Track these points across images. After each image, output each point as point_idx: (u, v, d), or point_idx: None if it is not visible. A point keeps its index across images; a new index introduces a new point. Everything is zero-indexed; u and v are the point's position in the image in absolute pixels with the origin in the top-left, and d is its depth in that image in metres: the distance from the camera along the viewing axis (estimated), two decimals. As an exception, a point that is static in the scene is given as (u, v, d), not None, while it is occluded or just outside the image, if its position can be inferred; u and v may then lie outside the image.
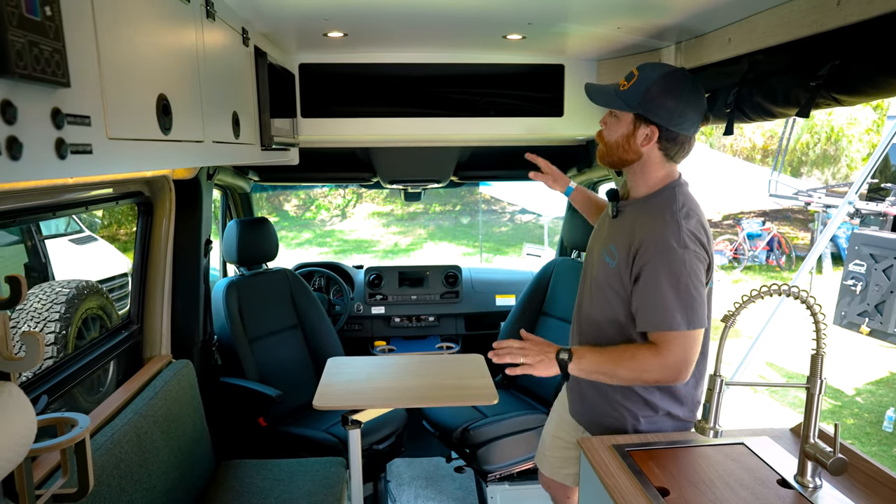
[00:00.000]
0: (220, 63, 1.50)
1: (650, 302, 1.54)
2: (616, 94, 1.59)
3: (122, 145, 0.94)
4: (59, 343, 3.18)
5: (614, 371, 1.58)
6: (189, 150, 1.25)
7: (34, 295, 3.32)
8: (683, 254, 1.51)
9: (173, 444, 2.09)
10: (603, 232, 1.76)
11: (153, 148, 1.06)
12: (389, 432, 2.94)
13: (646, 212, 1.61)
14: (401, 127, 2.55)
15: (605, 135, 1.65)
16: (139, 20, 1.02)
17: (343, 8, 1.76)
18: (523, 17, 1.87)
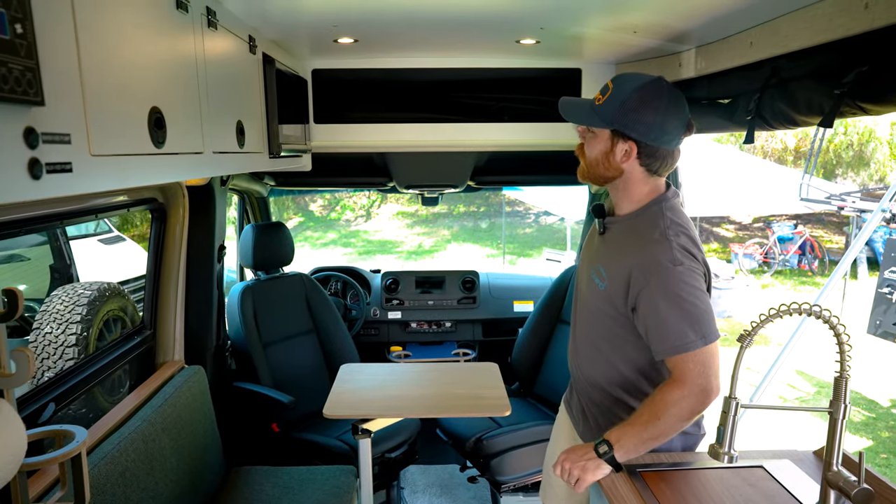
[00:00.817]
0: (223, 72, 1.48)
1: (659, 329, 1.45)
2: (592, 109, 1.50)
3: (107, 161, 0.92)
4: (80, 344, 3.23)
5: (657, 427, 1.46)
6: (186, 162, 1.24)
7: (57, 297, 3.38)
8: (678, 271, 1.43)
9: (182, 450, 2.09)
10: (592, 250, 1.69)
11: (143, 162, 1.04)
12: (402, 440, 2.91)
13: (633, 232, 1.54)
14: (416, 133, 2.52)
15: (585, 151, 1.56)
16: (129, 33, 1.01)
17: (350, 14, 1.73)
18: (535, 22, 1.82)
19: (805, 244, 11.57)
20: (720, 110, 1.92)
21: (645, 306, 1.45)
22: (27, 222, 1.60)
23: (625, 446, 1.47)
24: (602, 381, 1.66)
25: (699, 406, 1.46)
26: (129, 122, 1.00)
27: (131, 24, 1.02)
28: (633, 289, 1.46)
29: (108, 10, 0.94)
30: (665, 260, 1.43)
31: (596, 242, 1.67)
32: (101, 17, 0.91)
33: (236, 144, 1.57)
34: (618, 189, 1.56)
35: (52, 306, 3.38)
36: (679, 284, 1.43)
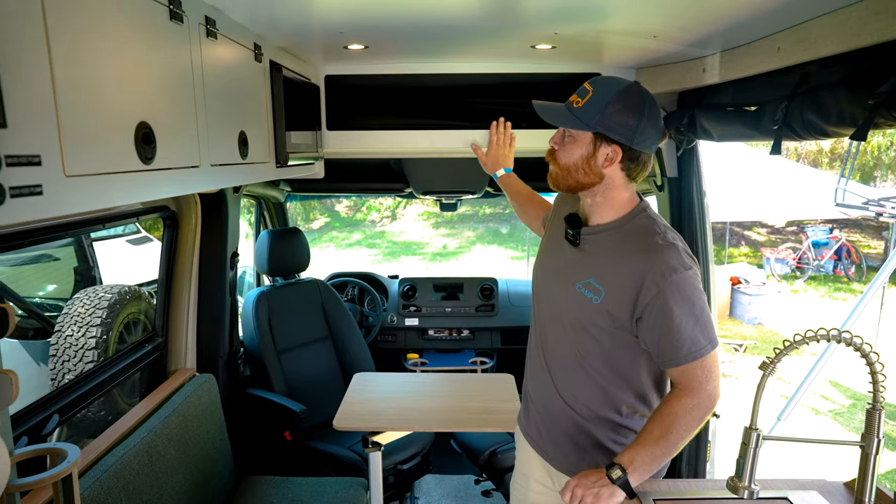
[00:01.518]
0: (224, 82, 1.45)
1: (673, 337, 1.40)
2: (571, 111, 1.44)
3: (86, 182, 0.89)
4: (99, 347, 3.24)
5: (669, 442, 1.41)
6: (179, 176, 1.20)
7: (78, 299, 3.41)
8: (689, 276, 1.41)
9: (189, 461, 2.07)
10: (563, 262, 1.59)
11: (128, 180, 1.01)
12: (414, 452, 2.86)
13: (627, 239, 1.48)
14: (431, 139, 2.47)
15: (560, 157, 1.49)
16: (114, 49, 0.97)
17: (356, 21, 1.68)
18: (549, 27, 1.75)
19: (841, 249, 11.19)
20: (745, 118, 1.82)
21: (657, 314, 1.40)
22: (29, 234, 1.60)
23: (638, 469, 1.41)
24: (587, 402, 1.57)
25: (707, 413, 1.44)
26: (113, 139, 0.96)
27: (117, 39, 0.98)
28: (644, 296, 1.40)
29: (89, 28, 0.90)
30: (678, 265, 1.40)
31: (567, 255, 1.58)
32: (80, 35, 0.88)
33: (238, 156, 1.54)
34: (596, 196, 1.51)
35: (73, 309, 3.41)
36: (691, 289, 1.40)
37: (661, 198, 2.57)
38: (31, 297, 4.62)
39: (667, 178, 2.48)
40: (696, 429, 1.43)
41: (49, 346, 3.37)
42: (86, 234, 4.19)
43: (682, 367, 1.42)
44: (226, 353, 2.58)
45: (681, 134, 2.21)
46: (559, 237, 1.63)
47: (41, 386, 3.41)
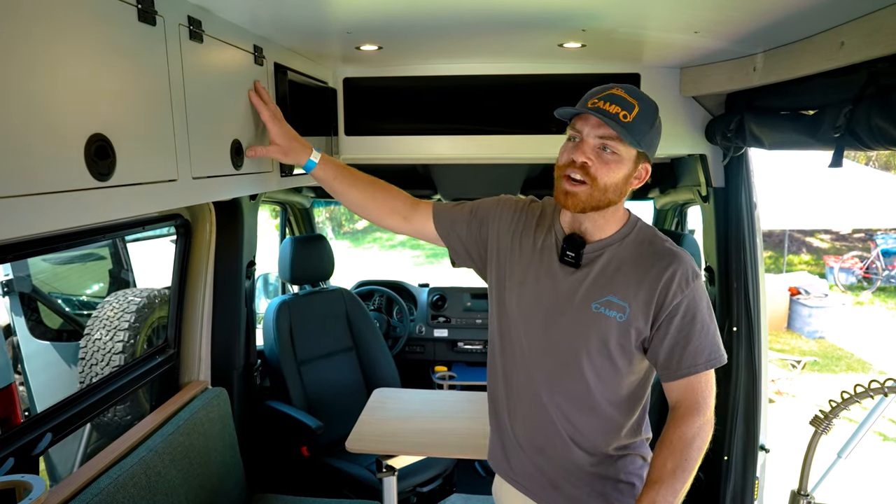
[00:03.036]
0: (212, 87, 1.34)
1: (697, 343, 1.33)
2: (622, 125, 1.26)
3: (10, 205, 0.78)
4: (126, 352, 3.25)
5: (686, 470, 1.30)
6: (149, 192, 1.10)
7: (108, 303, 3.42)
8: (703, 282, 1.39)
9: (193, 481, 1.99)
10: (560, 287, 1.40)
11: (75, 200, 0.90)
12: (434, 475, 2.72)
13: (640, 249, 1.39)
14: (457, 145, 2.31)
15: (599, 174, 1.30)
16: (57, 52, 0.87)
17: (363, 21, 1.56)
18: (575, 24, 1.57)
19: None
20: (801, 124, 1.59)
21: (680, 319, 1.33)
22: (34, 244, 1.54)
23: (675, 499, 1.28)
24: (597, 436, 1.44)
25: (711, 431, 1.36)
26: (50, 155, 0.86)
27: (62, 44, 0.87)
28: (670, 302, 1.33)
29: (13, 34, 0.80)
30: (697, 270, 1.37)
31: (564, 279, 1.40)
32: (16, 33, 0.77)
33: (230, 166, 1.43)
34: (606, 213, 1.39)
35: (103, 312, 3.42)
36: (706, 296, 1.38)
37: (706, 209, 2.34)
38: (77, 295, 4.70)
39: (712, 188, 2.26)
40: (704, 450, 1.34)
41: (78, 348, 3.41)
42: (120, 238, 4.23)
43: (690, 378, 1.34)
44: (241, 364, 2.50)
45: (728, 140, 1.99)
46: (539, 259, 1.44)
47: (71, 389, 3.45)
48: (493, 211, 1.56)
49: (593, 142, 1.31)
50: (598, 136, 1.30)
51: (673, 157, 2.64)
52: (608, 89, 1.32)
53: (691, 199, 2.65)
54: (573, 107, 1.32)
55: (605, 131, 1.29)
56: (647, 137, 1.31)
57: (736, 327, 2.22)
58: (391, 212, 1.62)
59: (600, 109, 1.28)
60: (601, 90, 1.33)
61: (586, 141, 1.31)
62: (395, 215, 1.62)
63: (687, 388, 1.34)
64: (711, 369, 1.35)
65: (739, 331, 2.22)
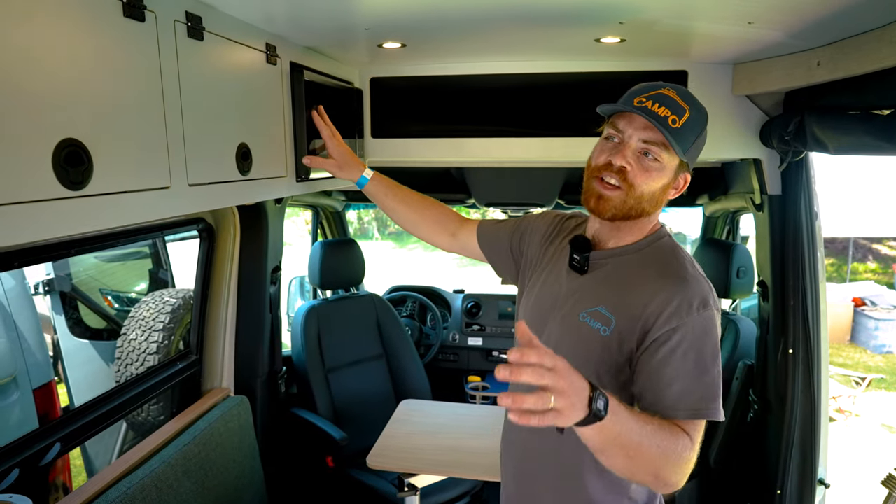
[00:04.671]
0: (215, 88, 1.27)
1: (690, 385, 1.11)
2: (670, 131, 1.13)
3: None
4: (160, 353, 3.26)
5: (643, 444, 1.01)
6: (133, 201, 1.02)
7: (145, 303, 3.46)
8: (715, 316, 1.16)
9: (208, 494, 1.94)
10: (560, 292, 1.29)
11: (36, 212, 0.83)
12: (459, 494, 2.60)
13: (650, 264, 1.22)
14: (490, 148, 2.19)
15: (637, 181, 1.17)
16: (19, 52, 0.79)
17: (381, 16, 1.45)
18: (613, 15, 1.43)
19: None
20: (873, 125, 1.40)
21: (669, 351, 1.12)
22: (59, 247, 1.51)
23: (617, 421, 0.96)
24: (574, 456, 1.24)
25: (673, 480, 1.06)
26: (9, 163, 0.78)
27: (26, 40, 0.80)
28: (661, 326, 1.12)
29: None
30: (709, 300, 1.16)
31: (568, 283, 1.29)
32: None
33: (236, 171, 1.35)
34: (638, 223, 1.25)
35: (139, 312, 3.45)
36: (714, 333, 1.15)
37: (760, 218, 2.14)
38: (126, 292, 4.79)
39: (767, 195, 2.05)
40: (655, 473, 1.05)
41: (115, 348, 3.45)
42: (160, 238, 4.28)
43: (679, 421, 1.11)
44: (265, 372, 2.45)
45: (786, 144, 1.80)
46: (553, 264, 1.35)
47: (108, 386, 3.49)
48: (533, 224, 1.52)
49: (636, 145, 1.17)
50: (641, 140, 1.16)
51: (724, 162, 2.43)
52: (657, 88, 1.18)
53: (743, 206, 2.44)
54: (615, 103, 1.20)
55: (651, 135, 1.15)
56: (693, 147, 1.18)
57: (792, 349, 2.01)
58: (439, 229, 1.67)
59: (648, 110, 1.14)
60: (649, 88, 1.19)
61: (628, 143, 1.18)
62: (443, 232, 1.67)
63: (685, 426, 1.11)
64: (697, 422, 1.11)
65: (796, 354, 2.01)
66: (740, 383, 2.33)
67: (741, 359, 2.39)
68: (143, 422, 3.42)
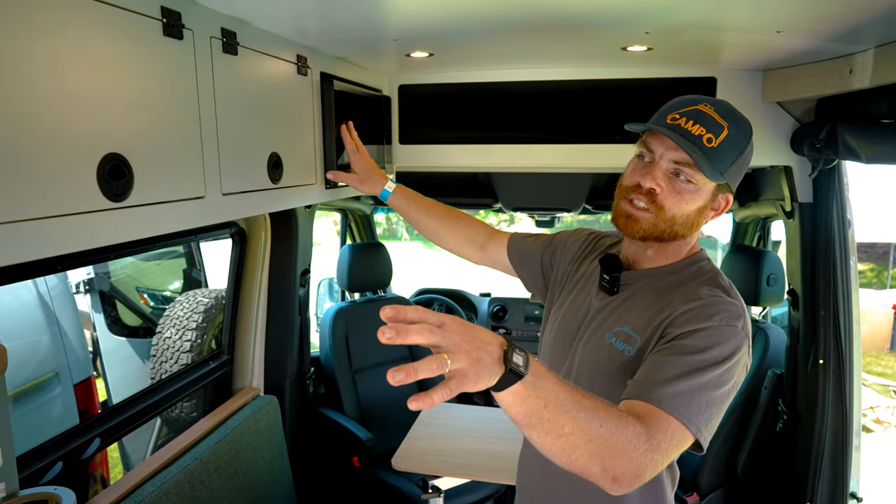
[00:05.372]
0: (248, 100, 1.31)
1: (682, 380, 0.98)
2: (703, 151, 1.05)
3: (7, 231, 0.76)
4: (193, 351, 3.35)
5: (580, 419, 0.85)
6: (170, 211, 1.07)
7: (179, 303, 3.56)
8: (743, 342, 1.04)
9: (239, 491, 1.99)
10: (588, 312, 1.24)
11: (85, 222, 0.88)
12: (483, 497, 2.62)
13: (679, 284, 1.14)
14: (516, 155, 2.21)
15: (668, 204, 1.10)
16: (68, 72, 0.84)
17: (409, 27, 1.48)
18: (638, 26, 1.43)
19: None
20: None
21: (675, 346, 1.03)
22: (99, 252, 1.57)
23: (540, 386, 0.82)
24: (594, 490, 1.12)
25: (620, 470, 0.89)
26: (58, 177, 0.83)
27: (75, 63, 0.85)
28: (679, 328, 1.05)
29: (27, 49, 0.77)
30: (739, 322, 1.05)
31: (596, 303, 1.23)
32: (12, 57, 0.75)
33: (268, 180, 1.40)
34: (672, 245, 1.18)
35: (174, 311, 3.56)
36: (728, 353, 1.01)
37: (790, 226, 2.11)
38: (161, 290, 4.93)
39: (798, 202, 2.02)
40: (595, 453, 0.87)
41: (150, 346, 3.56)
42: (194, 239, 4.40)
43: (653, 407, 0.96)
44: (294, 372, 2.50)
45: (817, 152, 1.77)
46: (584, 282, 1.30)
47: (144, 384, 3.61)
48: (566, 241, 1.47)
49: (666, 165, 1.10)
50: (672, 161, 1.09)
51: (754, 168, 2.40)
52: (694, 104, 1.10)
53: (772, 213, 2.40)
54: (649, 119, 1.14)
55: (683, 155, 1.08)
56: (733, 167, 1.09)
57: (823, 360, 1.98)
58: (466, 240, 1.63)
59: (680, 129, 1.07)
60: (684, 103, 1.11)
61: (658, 164, 1.10)
62: (470, 244, 1.63)
63: (645, 411, 0.96)
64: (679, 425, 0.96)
65: (827, 364, 1.98)
66: (769, 392, 2.30)
67: (770, 367, 2.36)
68: (176, 418, 3.52)
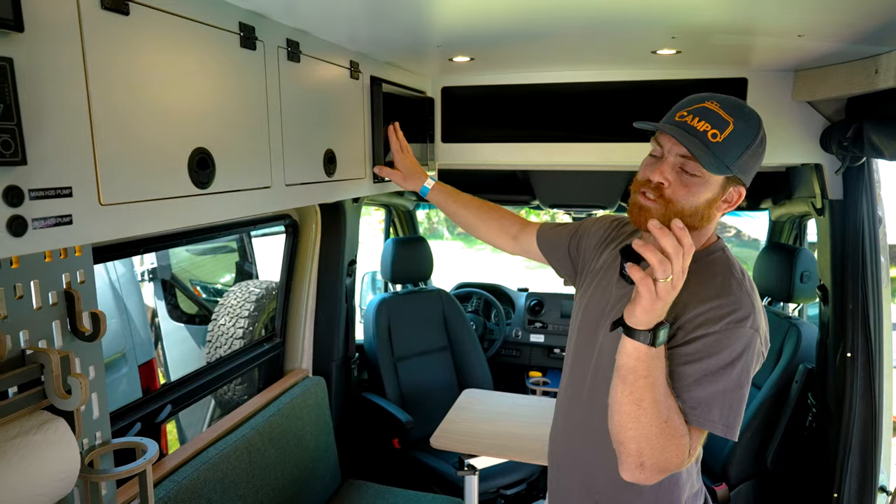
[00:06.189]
0: (307, 102, 1.47)
1: (699, 393, 1.12)
2: (708, 146, 1.12)
3: (124, 210, 0.93)
4: (245, 338, 3.58)
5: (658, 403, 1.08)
6: (243, 199, 1.23)
7: (233, 292, 3.79)
8: (752, 338, 1.13)
9: (289, 461, 2.17)
10: (608, 301, 1.32)
11: (178, 205, 1.05)
12: (519, 479, 2.74)
13: (693, 276, 1.17)
14: (552, 153, 2.32)
15: (677, 197, 1.16)
16: (168, 79, 1.01)
17: (452, 35, 1.62)
18: (663, 31, 1.53)
19: None
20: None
21: (687, 354, 1.13)
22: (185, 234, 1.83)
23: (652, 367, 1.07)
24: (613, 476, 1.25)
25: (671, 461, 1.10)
26: (159, 167, 1.00)
27: (174, 72, 1.02)
28: (690, 332, 1.14)
29: (132, 64, 0.94)
30: (744, 317, 1.13)
31: (616, 293, 1.31)
32: (121, 72, 0.92)
33: (323, 174, 1.56)
34: None
35: (227, 301, 3.79)
36: (742, 354, 1.12)
37: (821, 223, 2.16)
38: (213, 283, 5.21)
39: (828, 199, 2.07)
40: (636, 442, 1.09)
41: (206, 332, 3.81)
42: (246, 233, 4.64)
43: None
44: (340, 357, 2.68)
45: (844, 150, 1.83)
46: (606, 269, 1.38)
47: (200, 364, 3.86)
48: (590, 228, 1.55)
49: (673, 160, 1.16)
50: (679, 155, 1.15)
51: (788, 167, 2.45)
52: (701, 101, 1.16)
53: (805, 211, 2.45)
54: (662, 117, 1.21)
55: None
56: (741, 161, 1.13)
57: (850, 353, 2.03)
58: (500, 231, 1.74)
59: (686, 126, 1.13)
60: (692, 101, 1.18)
61: (666, 159, 1.17)
62: (504, 235, 1.74)
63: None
64: (700, 430, 1.13)
65: (855, 357, 2.02)
66: (800, 387, 2.35)
67: (802, 362, 2.40)
68: (228, 400, 3.76)
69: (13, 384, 1.08)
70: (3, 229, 0.75)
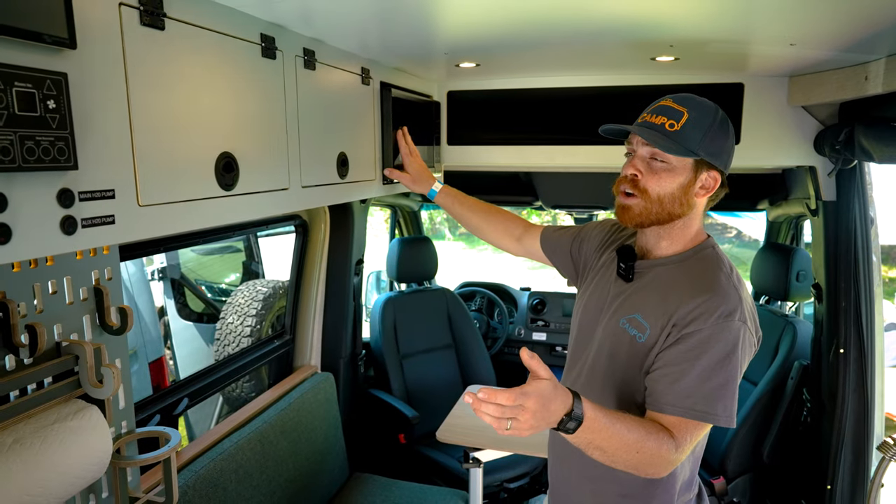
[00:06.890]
0: (322, 107, 1.54)
1: (693, 386, 1.19)
2: (668, 136, 1.24)
3: (159, 210, 1.00)
4: (253, 336, 3.65)
5: (621, 448, 1.13)
6: (263, 199, 1.31)
7: (240, 291, 3.86)
8: (741, 330, 1.21)
9: (300, 453, 2.24)
10: (607, 297, 1.40)
11: (206, 206, 1.12)
12: (523, 472, 2.80)
13: (687, 273, 1.29)
14: (554, 155, 2.39)
15: (650, 186, 1.27)
16: (199, 90, 1.08)
17: (458, 43, 1.69)
18: (661, 39, 1.60)
19: None
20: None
21: (682, 352, 1.20)
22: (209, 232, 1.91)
23: (589, 432, 1.08)
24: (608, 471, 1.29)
25: (654, 473, 1.18)
26: (190, 170, 1.07)
27: (203, 83, 1.09)
28: (680, 331, 1.21)
29: (168, 72, 1.02)
30: (731, 311, 1.20)
31: (615, 289, 1.39)
32: (160, 86, 1.00)
33: (336, 176, 1.63)
34: (674, 229, 1.32)
35: (235, 300, 3.87)
36: (734, 348, 1.20)
37: (816, 224, 2.23)
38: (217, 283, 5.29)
39: (822, 201, 2.14)
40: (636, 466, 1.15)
41: (215, 330, 3.88)
42: (252, 234, 4.72)
43: (670, 417, 1.19)
44: (347, 353, 2.75)
45: (836, 152, 1.90)
46: (605, 270, 1.46)
47: (208, 362, 3.94)
48: (592, 231, 1.62)
49: (642, 153, 1.29)
50: (645, 146, 1.28)
51: (784, 169, 2.52)
52: (659, 101, 1.31)
53: (800, 212, 2.52)
54: (625, 124, 1.34)
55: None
56: (704, 143, 1.24)
57: (843, 349, 2.10)
58: (504, 233, 1.82)
59: (647, 123, 1.28)
60: (654, 103, 1.32)
61: (637, 154, 1.31)
62: (508, 236, 1.81)
63: (670, 423, 1.20)
64: (698, 422, 1.19)
65: (847, 353, 2.09)
66: (795, 383, 2.41)
67: (797, 359, 2.47)
68: (236, 397, 3.84)
69: (51, 373, 1.16)
70: (57, 228, 0.83)
